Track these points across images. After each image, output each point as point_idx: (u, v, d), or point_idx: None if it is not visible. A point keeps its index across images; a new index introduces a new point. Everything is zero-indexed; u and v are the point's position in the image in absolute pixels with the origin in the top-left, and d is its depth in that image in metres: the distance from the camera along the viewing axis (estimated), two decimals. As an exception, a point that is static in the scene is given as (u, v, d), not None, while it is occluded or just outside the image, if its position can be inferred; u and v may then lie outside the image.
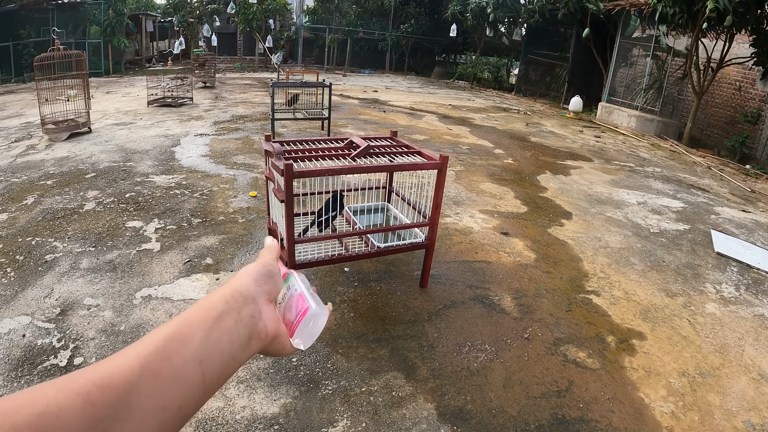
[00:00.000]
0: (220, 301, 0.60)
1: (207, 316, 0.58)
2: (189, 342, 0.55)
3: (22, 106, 11.11)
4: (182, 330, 0.55)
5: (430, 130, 10.44)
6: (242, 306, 0.61)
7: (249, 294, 0.63)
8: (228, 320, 0.59)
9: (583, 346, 3.44)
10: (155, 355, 0.52)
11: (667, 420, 2.83)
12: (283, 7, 22.63)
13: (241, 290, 0.63)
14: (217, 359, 0.56)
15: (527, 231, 5.32)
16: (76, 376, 0.47)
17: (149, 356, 0.51)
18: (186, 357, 0.54)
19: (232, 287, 0.63)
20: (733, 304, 4.20)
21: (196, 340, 0.55)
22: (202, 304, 0.60)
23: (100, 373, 0.48)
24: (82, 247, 4.36)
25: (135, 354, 0.51)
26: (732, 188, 8.08)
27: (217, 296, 0.61)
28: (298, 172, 3.12)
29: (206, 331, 0.57)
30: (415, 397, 2.85)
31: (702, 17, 9.82)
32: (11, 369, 2.88)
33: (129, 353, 0.51)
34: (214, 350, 0.56)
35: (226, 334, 0.58)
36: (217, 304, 0.60)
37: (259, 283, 0.65)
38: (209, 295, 0.62)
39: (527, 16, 16.79)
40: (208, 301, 0.60)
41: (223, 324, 0.58)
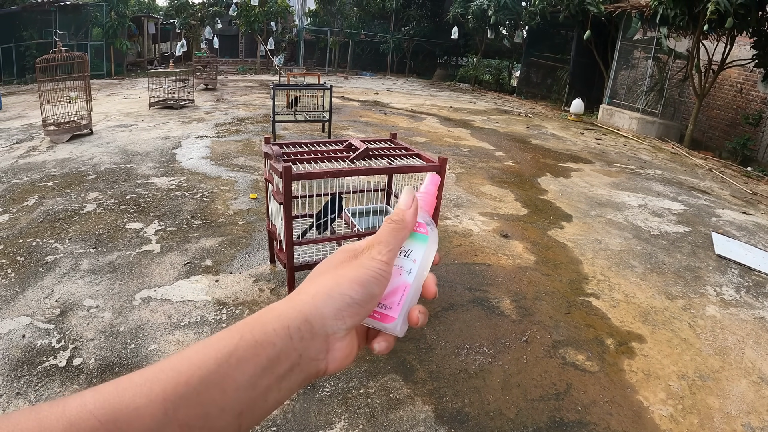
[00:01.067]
0: (279, 336, 0.46)
1: (258, 356, 0.45)
2: (230, 389, 0.43)
3: (24, 107, 11.14)
4: (224, 372, 0.43)
5: (431, 132, 10.44)
6: (308, 345, 0.48)
7: (322, 329, 0.49)
8: (284, 365, 0.46)
9: (582, 349, 3.44)
10: (185, 401, 0.41)
11: (666, 423, 2.83)
12: (285, 10, 22.67)
13: (313, 322, 0.48)
14: (259, 409, 0.45)
15: (527, 233, 5.32)
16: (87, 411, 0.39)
17: (178, 401, 0.41)
18: (224, 407, 0.43)
19: (302, 315, 0.48)
20: (733, 306, 4.19)
21: (239, 387, 0.44)
22: (255, 334, 0.46)
23: (115, 414, 0.39)
24: (82, 248, 4.37)
25: (161, 394, 0.41)
26: (733, 190, 8.07)
27: (276, 323, 0.47)
28: (296, 175, 3.12)
29: (253, 377, 0.44)
30: (413, 399, 2.85)
31: (703, 19, 9.81)
32: (11, 369, 2.88)
33: (154, 391, 0.41)
34: (259, 400, 0.45)
35: (277, 381, 0.46)
36: (275, 340, 0.46)
37: (342, 316, 0.50)
38: (265, 317, 0.48)
39: (528, 19, 16.79)
40: (262, 331, 0.46)
41: (278, 370, 0.46)
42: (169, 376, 0.42)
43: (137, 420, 0.39)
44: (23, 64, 15.90)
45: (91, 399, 0.40)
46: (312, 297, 0.49)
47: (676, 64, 12.90)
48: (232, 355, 0.44)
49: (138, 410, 0.39)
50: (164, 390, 0.41)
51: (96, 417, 0.38)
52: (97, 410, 0.39)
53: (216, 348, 0.44)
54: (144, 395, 0.40)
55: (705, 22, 9.75)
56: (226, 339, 0.45)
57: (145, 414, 0.39)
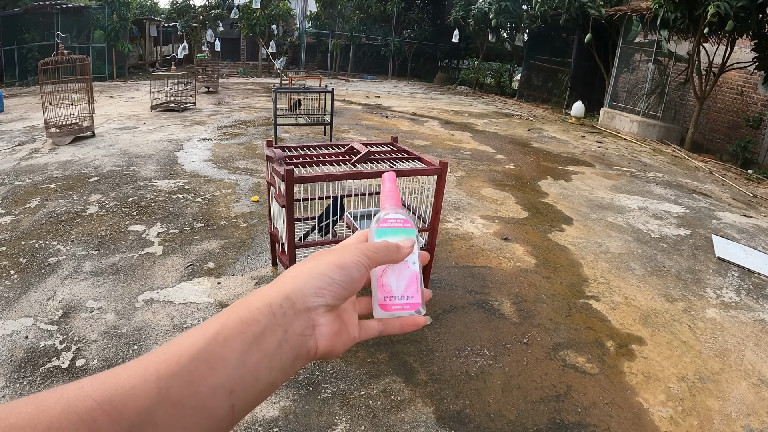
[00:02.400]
0: (262, 313, 0.48)
1: (244, 333, 0.46)
2: (220, 366, 0.44)
3: (26, 109, 11.17)
4: (212, 350, 0.45)
5: (432, 135, 10.46)
6: (291, 321, 0.49)
7: (303, 305, 0.50)
8: (270, 340, 0.47)
9: (582, 351, 3.45)
10: (177, 380, 0.43)
11: (665, 425, 2.84)
12: (287, 13, 22.72)
13: (294, 299, 0.50)
14: (251, 388, 0.46)
15: (528, 236, 5.33)
16: (84, 393, 0.40)
17: (170, 380, 0.42)
18: (214, 385, 0.44)
19: (282, 293, 0.50)
20: (733, 309, 4.20)
21: (228, 364, 0.45)
22: (239, 313, 0.48)
23: (111, 394, 0.40)
24: (84, 250, 4.39)
25: (154, 374, 0.42)
26: (734, 193, 8.08)
27: (259, 302, 0.49)
28: (298, 178, 3.14)
29: (242, 354, 0.46)
30: (414, 401, 2.87)
31: (703, 22, 9.83)
32: (14, 370, 2.90)
33: (147, 371, 0.42)
34: (249, 378, 0.46)
35: (266, 358, 0.47)
36: (259, 317, 0.47)
37: (322, 293, 0.51)
38: (251, 297, 0.50)
39: (529, 22, 16.82)
40: (247, 310, 0.48)
41: (264, 345, 0.47)
42: (161, 358, 0.44)
43: (132, 399, 0.40)
44: (25, 67, 15.94)
45: (88, 382, 0.41)
46: (292, 278, 0.52)
47: (677, 67, 12.92)
48: (219, 333, 0.46)
49: (133, 389, 0.41)
50: (157, 370, 0.42)
51: (92, 398, 0.40)
52: (94, 392, 0.40)
53: (204, 329, 0.46)
54: (138, 375, 0.42)
55: (705, 24, 9.77)
56: (213, 321, 0.47)
57: (139, 393, 0.41)
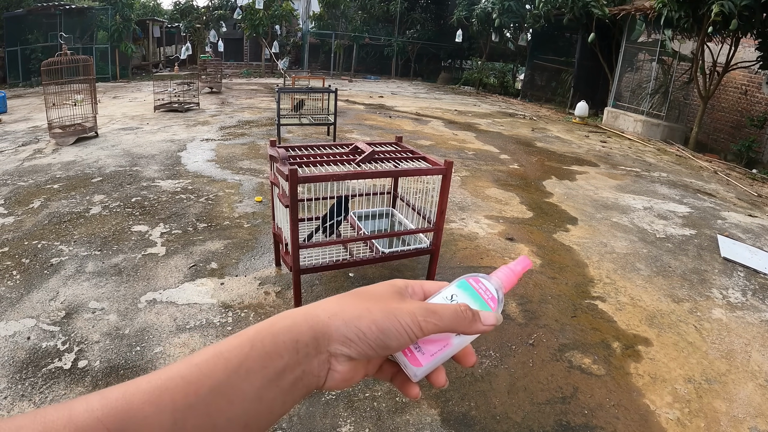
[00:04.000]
0: (288, 349, 0.47)
1: (266, 369, 0.46)
2: (238, 400, 0.44)
3: (30, 110, 11.18)
4: (233, 383, 0.44)
5: (436, 135, 10.45)
6: (311, 360, 0.48)
7: (326, 347, 0.49)
8: (289, 377, 0.47)
9: (588, 353, 3.43)
10: (194, 411, 0.41)
11: (672, 427, 2.81)
12: (290, 13, 22.75)
13: (320, 342, 0.49)
14: (265, 420, 0.46)
15: (532, 236, 5.31)
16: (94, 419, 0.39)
17: (187, 411, 0.41)
18: (230, 417, 0.43)
19: (313, 332, 0.49)
20: (739, 309, 4.17)
21: (246, 398, 0.44)
22: (265, 345, 0.47)
23: (123, 423, 0.39)
24: (87, 250, 4.38)
25: (170, 404, 0.41)
26: (738, 193, 8.04)
27: (287, 336, 0.48)
28: (302, 177, 3.12)
29: (261, 389, 0.45)
30: (419, 403, 2.84)
31: (707, 21, 9.79)
32: (16, 371, 2.89)
33: (163, 401, 0.41)
34: (264, 411, 0.46)
35: (281, 393, 0.47)
36: (283, 353, 0.47)
37: (349, 345, 0.50)
38: (278, 328, 0.48)
39: (532, 22, 16.78)
40: (273, 343, 0.47)
41: (283, 382, 0.46)
42: (178, 385, 0.42)
43: (146, 429, 0.39)
44: (29, 67, 15.98)
45: (99, 405, 0.39)
46: (328, 318, 0.50)
47: (681, 67, 12.89)
48: (241, 365, 0.45)
49: (147, 419, 0.40)
50: (173, 399, 0.41)
51: (104, 425, 0.38)
52: (105, 417, 0.39)
53: (226, 357, 0.45)
54: (153, 403, 0.40)
55: (709, 24, 9.73)
56: (237, 348, 0.46)
57: (154, 423, 0.40)
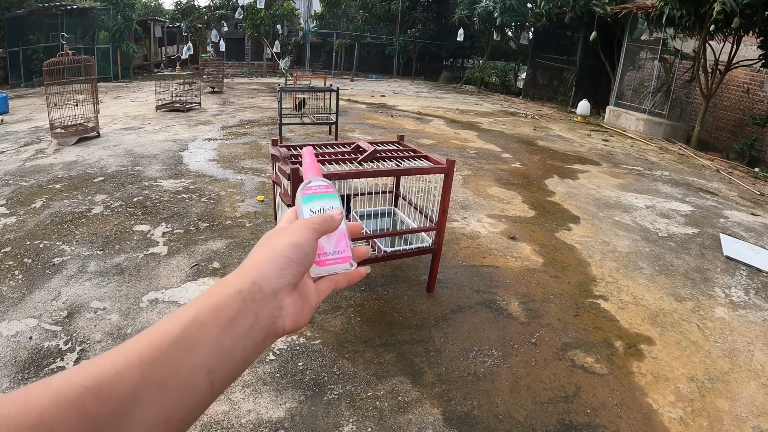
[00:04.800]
0: (234, 298, 0.51)
1: (219, 318, 0.50)
2: (198, 349, 0.48)
3: (32, 110, 11.19)
4: (190, 333, 0.48)
5: (438, 134, 10.44)
6: (261, 305, 0.53)
7: (269, 288, 0.54)
8: (243, 323, 0.51)
9: (590, 352, 3.42)
10: (159, 363, 0.46)
11: (675, 426, 2.81)
12: (291, 13, 22.73)
13: (261, 284, 0.53)
14: (227, 367, 0.50)
15: (535, 235, 5.30)
16: (72, 381, 0.42)
17: (153, 363, 0.45)
18: (194, 365, 0.47)
19: (250, 278, 0.53)
20: (742, 308, 4.16)
21: (205, 346, 0.48)
22: (213, 299, 0.51)
23: (98, 380, 0.43)
24: (89, 250, 4.38)
25: (137, 359, 0.45)
26: (741, 191, 8.02)
27: (230, 288, 0.52)
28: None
29: (217, 337, 0.49)
30: (422, 402, 2.84)
31: (709, 19, 9.77)
32: (18, 371, 2.89)
33: (130, 357, 0.45)
34: (225, 358, 0.50)
35: (239, 339, 0.51)
36: (231, 302, 0.51)
37: (284, 274, 0.55)
38: (221, 285, 0.53)
39: (534, 20, 16.76)
40: (220, 296, 0.52)
41: (238, 328, 0.51)
42: (142, 343, 0.47)
43: (118, 383, 0.43)
44: (30, 68, 15.99)
45: (75, 371, 0.44)
46: (253, 264, 0.56)
47: (683, 65, 12.87)
48: (195, 319, 0.49)
49: (118, 374, 0.44)
50: (140, 355, 0.46)
51: (80, 384, 0.42)
52: (81, 378, 0.43)
53: (180, 316, 0.50)
54: (121, 361, 0.45)
55: (711, 22, 9.71)
56: (189, 307, 0.51)
57: (124, 377, 0.44)
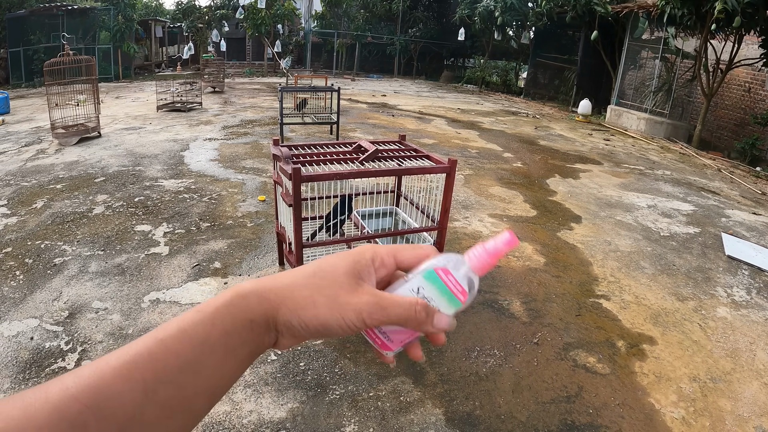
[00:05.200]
0: (245, 328, 0.51)
1: (226, 346, 0.50)
2: (202, 373, 0.48)
3: (33, 110, 11.19)
4: (198, 359, 0.48)
5: (439, 134, 10.43)
6: (263, 337, 0.53)
7: (274, 326, 0.53)
8: (245, 350, 0.52)
9: (593, 351, 3.42)
10: (164, 386, 0.45)
11: (677, 426, 2.80)
12: (292, 13, 22.73)
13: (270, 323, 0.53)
14: (226, 387, 0.51)
15: (536, 235, 5.30)
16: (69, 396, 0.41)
17: (157, 385, 0.45)
18: (197, 390, 0.48)
19: (265, 316, 0.52)
20: (744, 307, 4.16)
21: (210, 371, 0.49)
22: (224, 325, 0.50)
23: (98, 397, 0.42)
24: (90, 250, 4.38)
25: (141, 381, 0.44)
26: (742, 191, 8.01)
27: (243, 317, 0.51)
28: (306, 176, 3.11)
29: (222, 362, 0.50)
30: (423, 403, 2.84)
31: (710, 18, 9.75)
32: (19, 371, 2.89)
33: (134, 377, 0.44)
34: (225, 381, 0.51)
35: (238, 364, 0.52)
36: (240, 331, 0.51)
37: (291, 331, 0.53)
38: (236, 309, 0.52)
39: (535, 20, 16.75)
40: (232, 324, 0.51)
41: (240, 354, 0.51)
42: (146, 361, 0.46)
43: (120, 403, 0.43)
44: (31, 68, 15.99)
45: (73, 384, 0.42)
46: (279, 303, 0.53)
47: (684, 64, 12.84)
48: (205, 343, 0.49)
49: (120, 393, 0.43)
50: (143, 374, 0.45)
51: (80, 401, 0.41)
52: (80, 394, 0.42)
53: (190, 335, 0.49)
54: (124, 378, 0.44)
55: (712, 21, 9.69)
56: (200, 326, 0.50)
57: (126, 396, 0.43)
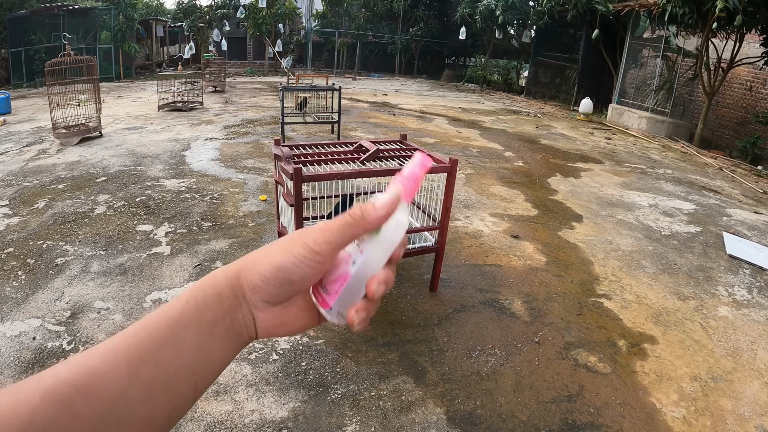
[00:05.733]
0: (215, 301, 0.51)
1: (200, 320, 0.50)
2: (182, 350, 0.49)
3: (34, 110, 11.20)
4: (175, 334, 0.49)
5: (440, 133, 10.43)
6: (235, 311, 0.52)
7: (242, 297, 0.53)
8: (220, 326, 0.51)
9: (594, 351, 3.42)
10: (146, 363, 0.47)
11: (678, 425, 2.80)
12: (293, 12, 22.74)
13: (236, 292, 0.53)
14: (209, 369, 0.51)
15: (538, 234, 5.30)
16: (60, 379, 0.43)
17: (140, 363, 0.46)
18: (179, 367, 0.48)
19: (230, 283, 0.53)
20: (745, 307, 4.15)
21: (189, 348, 0.49)
22: (197, 300, 0.51)
23: (86, 379, 0.44)
24: (92, 250, 4.39)
25: (124, 360, 0.46)
26: (744, 190, 8.01)
27: (212, 290, 0.52)
28: (307, 176, 3.12)
29: (199, 338, 0.50)
30: (425, 402, 2.84)
31: (712, 17, 9.74)
32: (21, 371, 2.90)
33: (118, 357, 0.46)
34: (207, 359, 0.51)
35: (218, 342, 0.51)
36: (211, 304, 0.51)
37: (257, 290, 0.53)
38: (206, 283, 0.53)
39: (536, 18, 16.75)
40: (203, 297, 0.51)
41: (216, 331, 0.51)
42: (130, 343, 0.47)
43: (107, 382, 0.44)
44: (32, 68, 16.00)
45: (63, 369, 0.44)
46: (239, 269, 0.54)
47: (685, 63, 12.83)
48: (180, 320, 0.50)
49: (107, 375, 0.45)
50: (127, 355, 0.46)
51: (69, 383, 0.43)
52: (70, 378, 0.43)
53: (168, 315, 0.50)
54: (110, 361, 0.46)
55: (714, 19, 9.68)
56: (176, 306, 0.51)
57: (113, 376, 0.45)
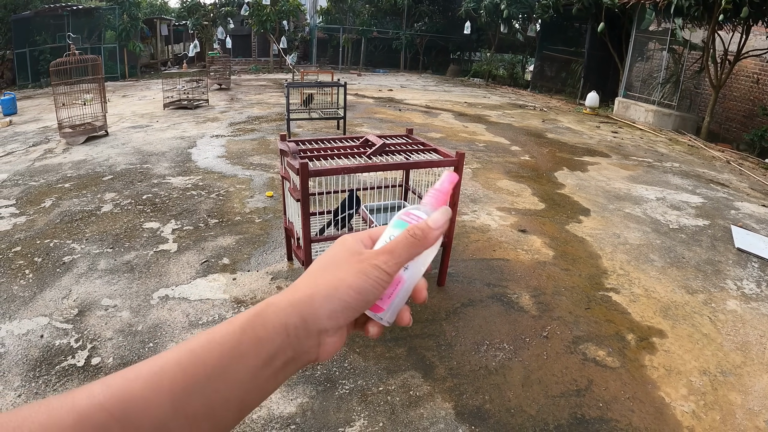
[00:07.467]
0: (279, 333, 0.48)
1: (259, 353, 0.47)
2: (233, 382, 0.46)
3: (40, 111, 11.23)
4: (227, 366, 0.46)
5: (446, 128, 10.40)
6: (302, 342, 0.50)
7: (315, 327, 0.50)
8: (281, 359, 0.49)
9: (602, 345, 3.40)
10: (192, 396, 0.44)
11: (687, 419, 2.78)
12: (297, 8, 22.71)
13: (309, 323, 0.50)
14: (258, 399, 0.49)
15: (545, 228, 5.27)
16: (96, 403, 0.40)
17: (185, 394, 0.43)
18: (227, 399, 0.46)
19: (300, 314, 0.50)
20: (754, 300, 4.13)
21: (242, 381, 0.47)
22: (257, 332, 0.48)
23: (125, 406, 0.41)
24: (99, 248, 4.39)
25: (169, 390, 0.43)
26: (752, 183, 7.95)
27: (276, 322, 0.49)
28: (313, 171, 3.11)
29: (255, 371, 0.47)
30: (433, 397, 2.83)
31: (718, 9, 9.68)
32: (29, 369, 2.90)
33: (162, 386, 0.43)
34: (258, 391, 0.48)
35: (273, 374, 0.49)
36: (275, 337, 0.48)
37: (336, 317, 0.51)
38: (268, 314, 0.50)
39: (541, 12, 16.66)
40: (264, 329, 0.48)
41: (275, 363, 0.48)
42: (175, 371, 0.44)
43: (147, 412, 0.41)
44: (38, 69, 16.03)
45: (100, 392, 0.41)
46: (310, 297, 0.51)
47: (692, 56, 12.74)
48: (234, 350, 0.47)
49: (148, 402, 0.42)
50: (171, 384, 0.43)
51: (106, 409, 0.40)
52: (107, 402, 0.41)
53: (219, 343, 0.47)
54: (152, 389, 0.42)
55: (720, 12, 9.62)
56: (230, 334, 0.48)
57: (154, 406, 0.42)
